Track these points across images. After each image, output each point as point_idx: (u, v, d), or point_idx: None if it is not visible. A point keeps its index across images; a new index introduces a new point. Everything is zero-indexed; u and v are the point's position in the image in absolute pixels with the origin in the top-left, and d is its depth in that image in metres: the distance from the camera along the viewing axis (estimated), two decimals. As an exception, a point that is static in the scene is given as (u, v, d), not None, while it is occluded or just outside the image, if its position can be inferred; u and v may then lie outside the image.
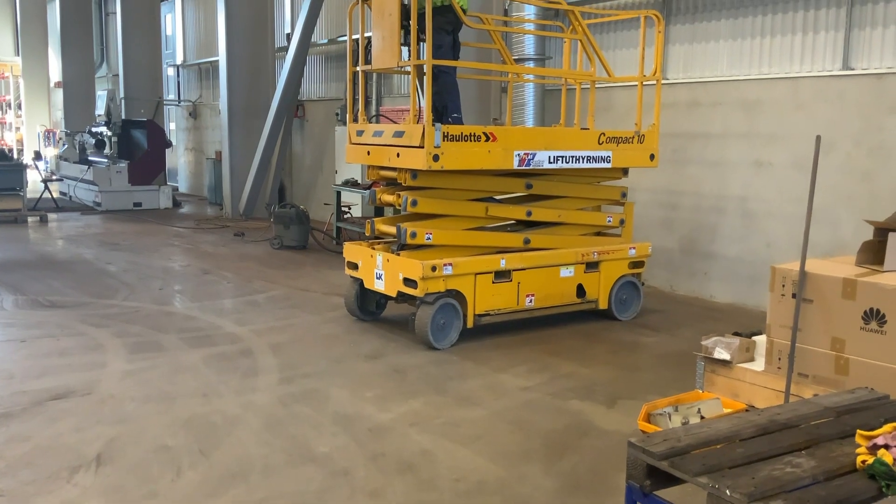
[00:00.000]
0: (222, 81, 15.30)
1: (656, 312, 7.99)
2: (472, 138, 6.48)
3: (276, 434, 4.70)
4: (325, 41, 15.04)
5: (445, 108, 6.96)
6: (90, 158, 17.73)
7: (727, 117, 8.46)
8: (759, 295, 7.88)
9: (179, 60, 22.12)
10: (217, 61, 16.34)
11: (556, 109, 9.97)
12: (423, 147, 6.23)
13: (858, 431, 2.93)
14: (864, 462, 2.72)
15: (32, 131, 27.13)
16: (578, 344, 6.83)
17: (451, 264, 6.58)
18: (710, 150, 8.65)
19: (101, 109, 17.88)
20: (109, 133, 17.35)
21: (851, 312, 4.53)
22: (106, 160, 17.02)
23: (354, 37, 7.28)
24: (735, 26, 8.35)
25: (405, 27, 6.55)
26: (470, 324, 6.78)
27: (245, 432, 4.72)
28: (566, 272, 7.30)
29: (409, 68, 6.91)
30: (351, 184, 12.00)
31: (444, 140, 6.27)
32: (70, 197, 17.73)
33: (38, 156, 20.75)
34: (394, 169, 6.77)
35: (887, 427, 2.85)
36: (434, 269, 6.49)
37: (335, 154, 14.30)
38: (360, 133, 7.10)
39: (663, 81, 8.09)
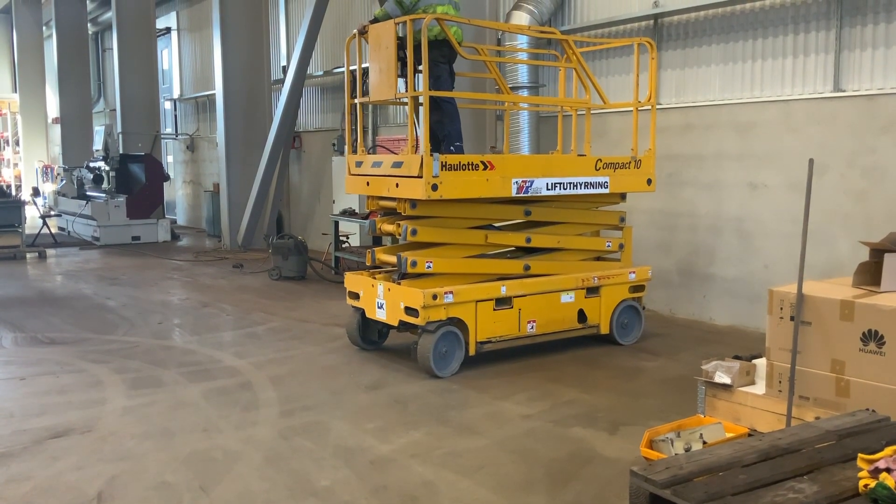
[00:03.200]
0: (219, 114, 15.41)
1: (656, 336, 7.98)
2: (470, 167, 6.53)
3: (278, 468, 4.68)
4: (321, 73, 15.17)
5: (447, 137, 7.05)
6: (88, 193, 17.78)
7: (721, 140, 8.52)
8: (759, 317, 7.88)
9: (176, 94, 22.28)
10: (214, 94, 16.46)
11: (551, 136, 10.04)
12: (421, 177, 6.29)
13: (860, 455, 2.93)
14: (866, 486, 2.72)
15: (30, 167, 27.27)
16: (579, 370, 6.82)
17: (451, 292, 6.60)
18: (705, 174, 8.70)
19: (98, 144, 17.97)
20: (107, 168, 17.42)
21: (850, 334, 4.53)
22: (104, 195, 17.07)
23: (352, 68, 7.38)
24: (726, 50, 8.44)
25: (402, 59, 6.62)
26: (472, 351, 6.78)
27: (246, 467, 4.70)
28: (567, 298, 7.30)
29: (406, 100, 6.99)
30: (349, 213, 12.03)
31: (442, 169, 6.32)
32: (69, 232, 17.76)
33: (36, 192, 20.83)
34: (393, 199, 6.82)
35: (888, 450, 2.85)
36: (435, 297, 6.51)
37: (332, 184, 14.35)
38: (358, 164, 7.17)
39: (657, 106, 8.15)
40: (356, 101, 7.31)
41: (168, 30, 22.39)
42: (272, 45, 16.36)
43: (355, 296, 7.31)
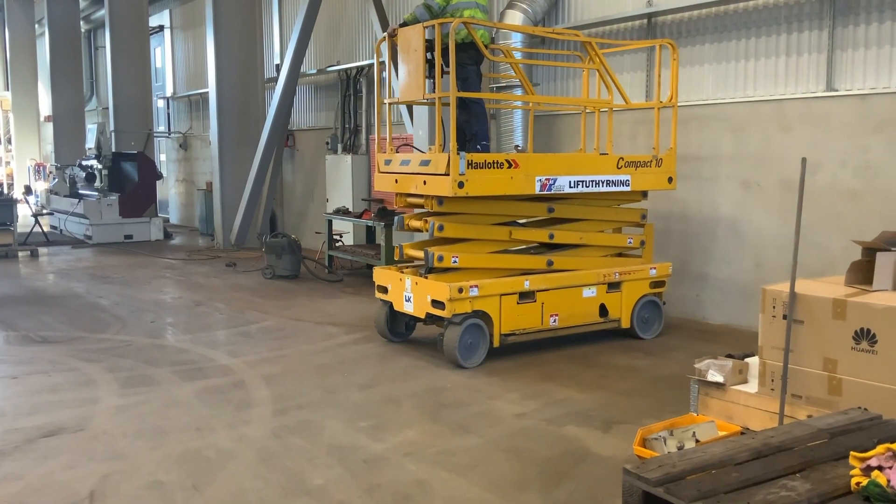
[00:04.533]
0: (212, 112, 15.36)
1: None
2: (495, 165, 6.78)
3: (271, 467, 4.67)
4: (314, 71, 15.14)
5: (475, 136, 7.34)
6: (81, 192, 17.71)
7: (714, 139, 8.53)
8: (752, 316, 7.89)
9: (169, 92, 22.22)
10: (207, 93, 16.42)
11: (543, 135, 10.05)
12: (448, 175, 6.54)
13: (852, 453, 2.93)
14: (858, 484, 2.73)
15: (23, 165, 27.12)
16: (572, 369, 6.83)
17: (477, 286, 6.82)
18: (699, 173, 8.71)
19: (91, 143, 17.89)
20: (100, 166, 17.35)
21: (842, 333, 4.55)
22: (96, 193, 17.01)
23: (382, 60, 7.53)
24: (719, 50, 8.45)
25: (429, 61, 6.89)
26: (496, 343, 6.99)
27: (239, 466, 4.69)
28: (588, 292, 7.50)
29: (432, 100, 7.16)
30: (342, 212, 12.03)
31: (468, 168, 6.58)
32: (61, 231, 17.70)
33: (28, 190, 20.75)
34: (421, 196, 7.07)
35: (880, 448, 2.85)
36: (461, 290, 6.73)
37: (326, 183, 14.34)
38: (387, 162, 7.42)
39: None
40: (386, 101, 7.56)
41: (161, 28, 22.33)
42: (266, 43, 16.31)
43: (384, 289, 7.53)
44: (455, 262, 6.96)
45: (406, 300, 7.21)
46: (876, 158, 7.26)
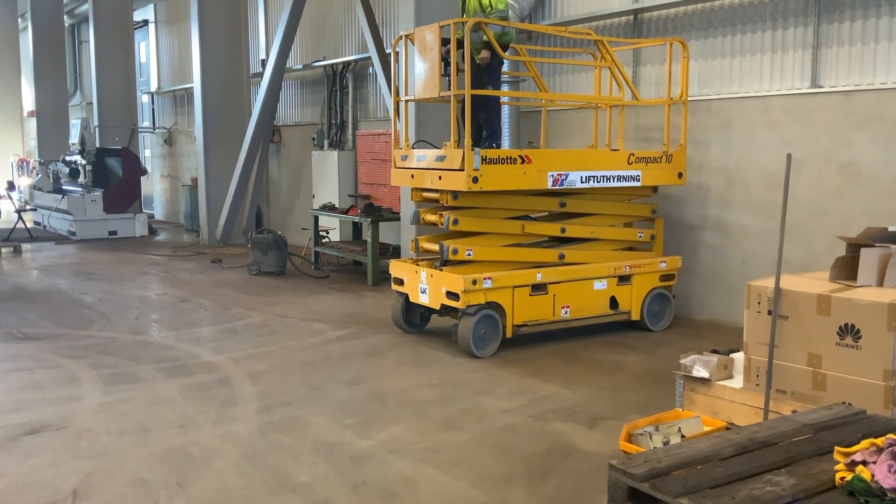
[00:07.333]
0: (197, 108, 15.27)
1: (635, 331, 8.01)
2: (509, 161, 6.93)
3: (256, 464, 4.64)
4: (300, 66, 15.07)
5: (492, 134, 7.53)
6: (64, 187, 17.56)
7: (699, 135, 8.55)
8: (737, 311, 7.93)
9: (154, 87, 22.07)
10: (192, 88, 16.32)
11: (530, 130, 10.05)
12: (463, 170, 6.69)
13: (836, 448, 2.94)
14: (842, 479, 2.74)
15: (5, 161, 26.86)
16: (558, 365, 6.83)
17: (490, 278, 6.99)
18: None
19: (75, 138, 17.74)
20: (84, 161, 17.21)
21: (827, 328, 4.57)
22: (80, 189, 16.88)
23: (404, 47, 7.64)
24: (705, 46, 8.47)
25: (445, 59, 7.02)
26: (509, 334, 7.15)
27: (223, 463, 4.66)
28: (599, 285, 7.66)
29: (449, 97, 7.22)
30: (329, 208, 11.99)
31: (482, 163, 6.74)
32: (44, 227, 17.54)
33: (11, 186, 20.49)
34: (436, 191, 7.22)
35: (864, 443, 2.87)
36: (475, 282, 6.89)
37: (312, 179, 14.29)
38: (404, 158, 7.58)
39: (634, 102, 8.19)
40: (402, 99, 7.67)
41: (145, 22, 22.16)
42: (251, 38, 16.22)
43: (399, 281, 7.67)
44: (469, 254, 7.14)
45: (422, 292, 7.37)
46: (860, 155, 7.30)
